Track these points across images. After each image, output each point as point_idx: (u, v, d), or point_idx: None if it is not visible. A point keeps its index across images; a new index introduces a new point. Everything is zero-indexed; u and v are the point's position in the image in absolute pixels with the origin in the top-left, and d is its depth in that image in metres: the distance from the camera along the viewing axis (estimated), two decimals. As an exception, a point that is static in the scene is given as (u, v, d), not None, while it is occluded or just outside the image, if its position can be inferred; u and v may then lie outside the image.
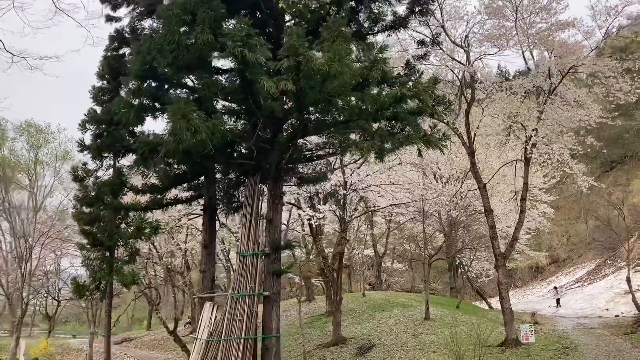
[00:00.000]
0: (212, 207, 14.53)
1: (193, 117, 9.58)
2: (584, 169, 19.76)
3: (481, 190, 18.74)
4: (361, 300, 30.01)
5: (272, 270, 12.32)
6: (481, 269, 40.65)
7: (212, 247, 14.56)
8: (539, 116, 17.12)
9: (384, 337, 21.99)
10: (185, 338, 31.50)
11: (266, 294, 12.26)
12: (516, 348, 17.64)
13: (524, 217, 18.88)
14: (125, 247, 20.92)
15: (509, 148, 20.87)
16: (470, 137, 18.85)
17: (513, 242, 18.84)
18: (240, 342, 11.98)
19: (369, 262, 46.99)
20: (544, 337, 20.64)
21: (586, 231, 59.15)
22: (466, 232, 28.81)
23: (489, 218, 18.52)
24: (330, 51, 9.35)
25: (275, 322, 12.33)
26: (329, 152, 13.65)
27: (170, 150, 10.17)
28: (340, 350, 21.39)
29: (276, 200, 12.69)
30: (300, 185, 15.02)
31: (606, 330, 21.94)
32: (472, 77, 18.21)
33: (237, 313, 12.30)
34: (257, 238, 12.83)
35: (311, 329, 26.00)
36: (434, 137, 13.25)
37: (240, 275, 12.60)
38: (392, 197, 24.80)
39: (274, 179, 12.75)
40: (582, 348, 17.97)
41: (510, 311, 17.99)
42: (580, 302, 33.43)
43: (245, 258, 12.68)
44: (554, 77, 17.58)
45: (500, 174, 26.44)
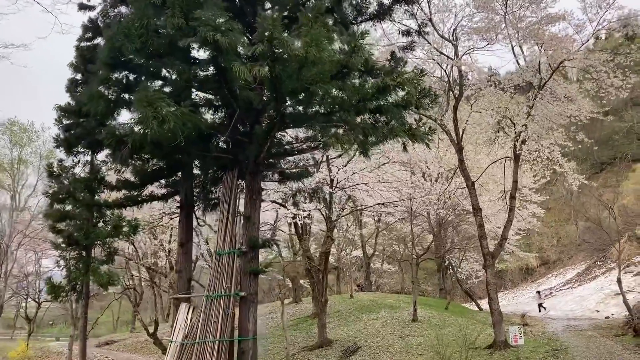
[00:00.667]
0: (188, 204, 13.92)
1: (161, 105, 8.96)
2: (574, 166, 19.32)
3: (469, 188, 18.25)
4: (349, 302, 29.43)
5: (249, 270, 11.72)
6: (471, 270, 40.24)
7: (188, 245, 13.94)
8: (529, 112, 16.65)
9: (370, 339, 21.44)
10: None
11: (242, 294, 11.65)
12: (505, 350, 17.15)
13: (513, 215, 18.41)
14: (103, 247, 20.29)
15: (498, 146, 20.38)
16: (458, 133, 18.36)
17: (502, 242, 18.36)
18: (214, 345, 11.37)
19: (358, 263, 46.48)
20: (533, 339, 20.17)
21: (576, 233, 59.03)
22: (455, 232, 28.33)
23: (478, 217, 18.02)
24: (307, 36, 8.79)
25: (252, 324, 11.73)
26: (311, 147, 13.07)
27: (137, 141, 9.55)
28: (325, 352, 20.81)
29: (254, 196, 12.09)
30: (282, 181, 14.41)
31: (596, 331, 21.52)
32: (461, 71, 17.72)
33: (212, 314, 11.71)
34: (234, 236, 12.24)
35: (297, 331, 25.40)
36: (419, 131, 12.74)
37: (216, 275, 12.00)
38: (380, 196, 24.28)
39: (252, 173, 12.16)
40: (572, 350, 17.51)
41: (499, 312, 17.49)
42: (570, 304, 33.06)
43: (221, 257, 12.08)
44: (543, 72, 17.13)
45: (489, 173, 26.02)
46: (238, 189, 12.60)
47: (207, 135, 12.28)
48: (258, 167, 12.21)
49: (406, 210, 24.97)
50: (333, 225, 26.37)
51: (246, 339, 11.60)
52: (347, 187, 23.16)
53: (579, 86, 17.64)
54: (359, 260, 45.05)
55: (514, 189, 18.44)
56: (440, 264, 32.81)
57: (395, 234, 39.05)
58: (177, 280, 13.99)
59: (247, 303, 11.74)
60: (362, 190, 24.17)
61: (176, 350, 12.27)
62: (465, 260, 37.00)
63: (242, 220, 12.30)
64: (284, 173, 14.29)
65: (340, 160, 22.08)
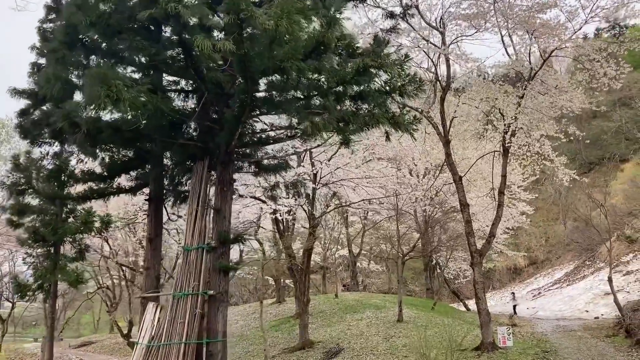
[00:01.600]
0: (157, 197, 13.04)
1: (115, 83, 8.09)
2: (564, 161, 18.65)
3: (457, 182, 17.50)
4: (333, 302, 28.64)
5: (218, 266, 10.87)
6: (458, 269, 39.59)
7: (157, 241, 13.04)
8: (519, 102, 15.92)
9: (354, 340, 20.63)
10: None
11: (211, 292, 10.79)
12: (493, 352, 16.41)
13: (502, 211, 17.68)
14: (73, 244, 19.29)
15: (486, 140, 19.66)
16: (445, 126, 17.61)
17: (490, 239, 17.62)
18: (180, 347, 10.52)
19: (345, 263, 45.70)
20: (522, 340, 19.48)
21: (565, 232, 58.71)
22: (442, 231, 27.60)
23: (465, 213, 17.27)
24: (277, 6, 7.96)
25: (222, 324, 10.88)
26: (288, 135, 12.25)
27: (91, 124, 8.66)
28: (307, 354, 19.97)
29: (225, 187, 11.24)
30: (257, 174, 13.55)
31: (587, 332, 20.88)
32: (448, 61, 16.96)
33: (179, 314, 10.86)
34: (203, 230, 11.39)
35: (279, 331, 24.55)
36: (402, 119, 11.98)
37: (184, 272, 11.15)
38: (365, 193, 23.50)
39: (223, 163, 11.31)
40: (563, 352, 16.82)
41: (486, 313, 16.74)
42: (559, 304, 32.49)
43: (189, 252, 11.23)
44: (534, 62, 16.44)
45: (477, 169, 25.33)
46: (209, 180, 11.76)
47: (174, 122, 11.46)
48: (230, 157, 11.37)
49: (392, 208, 24.21)
50: (317, 222, 25.58)
51: (215, 341, 10.73)
52: (330, 183, 22.35)
53: (571, 78, 16.95)
54: (345, 260, 44.29)
55: (503, 184, 17.73)
56: (427, 263, 32.08)
57: (382, 233, 38.30)
58: (144, 277, 13.11)
59: (216, 302, 10.89)
60: (346, 187, 23.36)
61: (142, 352, 11.40)
62: (452, 259, 36.34)
63: (213, 214, 11.46)
64: (260, 165, 13.45)
65: (324, 155, 21.29)
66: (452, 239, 29.30)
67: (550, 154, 18.53)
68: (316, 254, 43.92)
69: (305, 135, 11.73)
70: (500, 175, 17.88)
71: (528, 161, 18.98)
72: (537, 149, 18.57)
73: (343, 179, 22.08)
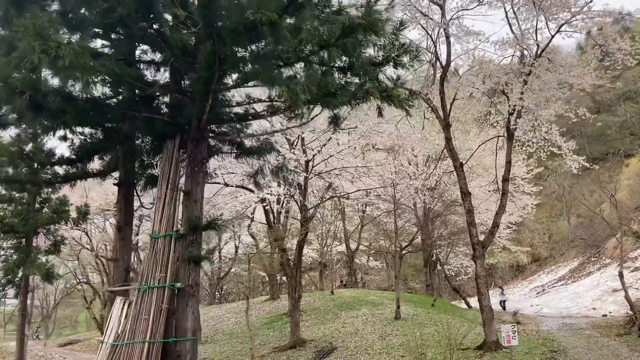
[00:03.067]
0: (128, 182, 11.80)
1: (56, 37, 6.85)
2: (573, 146, 17.36)
3: (457, 169, 16.25)
4: (329, 299, 27.39)
5: (187, 256, 9.62)
6: (459, 266, 38.40)
7: (127, 229, 11.80)
8: (525, 79, 14.65)
9: (348, 339, 19.40)
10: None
11: (179, 285, 9.56)
12: (496, 352, 15.17)
13: (506, 200, 16.43)
14: (46, 235, 18.11)
15: (489, 127, 18.38)
16: (445, 108, 16.36)
17: (493, 229, 16.34)
18: (144, 346, 9.29)
19: (344, 259, 44.47)
20: (527, 338, 18.26)
21: (568, 229, 57.48)
22: (442, 225, 26.32)
23: (466, 202, 16.03)
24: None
25: (192, 322, 9.64)
26: (268, 111, 11.00)
27: (31, 85, 7.40)
28: (298, 354, 18.74)
29: (196, 168, 10.01)
30: (238, 156, 12.28)
31: (595, 331, 19.65)
32: (448, 37, 15.68)
33: (143, 310, 9.64)
34: (172, 216, 10.16)
35: (270, 329, 23.33)
36: (395, 93, 10.72)
37: (150, 263, 9.92)
38: (361, 184, 22.25)
39: (195, 140, 10.07)
40: (572, 352, 15.59)
41: (489, 309, 15.51)
42: (564, 301, 31.22)
43: (157, 241, 10.00)
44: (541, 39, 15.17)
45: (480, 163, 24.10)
46: (179, 161, 10.52)
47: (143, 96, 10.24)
48: (202, 134, 10.12)
49: (390, 201, 22.95)
50: (312, 214, 24.35)
51: (183, 340, 9.50)
52: (324, 173, 21.11)
53: (581, 55, 15.65)
54: (344, 257, 43.07)
55: (507, 171, 16.47)
56: (427, 258, 30.79)
57: (381, 228, 37.04)
58: (113, 269, 11.89)
59: (185, 297, 9.64)
60: (341, 177, 22.09)
61: (106, 352, 10.19)
62: (453, 255, 35.12)
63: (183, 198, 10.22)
64: (241, 147, 12.19)
65: (317, 143, 20.04)
66: (453, 234, 28.06)
67: (558, 139, 17.25)
68: (313, 249, 42.85)
69: (285, 106, 10.53)
70: (505, 162, 16.59)
71: (534, 147, 17.66)
72: (543, 134, 17.30)
73: (337, 167, 20.81)
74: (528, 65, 14.72)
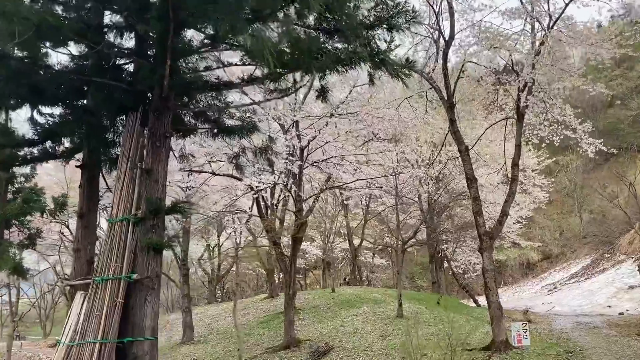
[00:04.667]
0: (92, 163, 10.52)
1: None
2: (589, 128, 15.91)
3: (462, 153, 14.89)
4: (329, 296, 26.07)
5: (146, 243, 8.33)
6: (467, 263, 36.84)
7: (91, 217, 10.47)
8: (538, 51, 13.25)
9: (346, 338, 18.09)
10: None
11: (135, 277, 8.26)
12: (506, 352, 13.81)
13: (516, 186, 15.06)
14: (19, 227, 16.93)
15: (497, 109, 16.96)
16: (449, 87, 15.00)
17: (502, 219, 14.94)
18: (95, 347, 8.02)
19: (348, 257, 43.12)
20: (539, 338, 16.83)
21: (580, 225, 55.79)
22: (448, 218, 24.88)
23: (472, 189, 14.66)
24: None
25: (151, 319, 8.34)
26: (245, 81, 9.68)
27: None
28: (291, 355, 17.47)
29: (158, 142, 8.71)
30: (215, 136, 10.97)
31: (613, 329, 18.18)
32: (451, 7, 14.32)
33: (96, 305, 8.36)
34: (132, 198, 8.88)
35: (265, 329, 22.04)
36: (388, 56, 9.37)
37: (106, 252, 8.64)
38: (362, 174, 20.88)
39: (157, 111, 8.78)
40: (590, 352, 14.16)
41: (498, 306, 14.13)
42: (578, 299, 29.68)
43: (114, 226, 8.73)
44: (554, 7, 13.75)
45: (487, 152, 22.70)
46: (142, 135, 9.23)
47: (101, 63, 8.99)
48: (165, 103, 8.81)
49: (392, 191, 21.59)
50: (310, 207, 23.04)
51: (140, 340, 8.20)
52: (321, 162, 19.79)
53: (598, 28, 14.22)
54: (348, 254, 41.73)
55: (517, 155, 15.08)
56: (432, 254, 29.35)
57: (386, 224, 35.63)
58: (73, 261, 10.61)
59: (143, 290, 8.34)
60: (339, 167, 20.72)
61: (62, 353, 8.92)
62: (460, 251, 33.67)
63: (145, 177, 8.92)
64: (218, 123, 10.89)
65: (314, 129, 18.72)
66: (460, 229, 26.64)
67: (573, 121, 15.83)
68: (317, 247, 41.54)
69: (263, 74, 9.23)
70: (515, 146, 15.21)
71: (545, 131, 16.24)
72: (556, 115, 15.89)
73: (335, 156, 19.48)
74: (546, 32, 13.27)
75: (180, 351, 21.30)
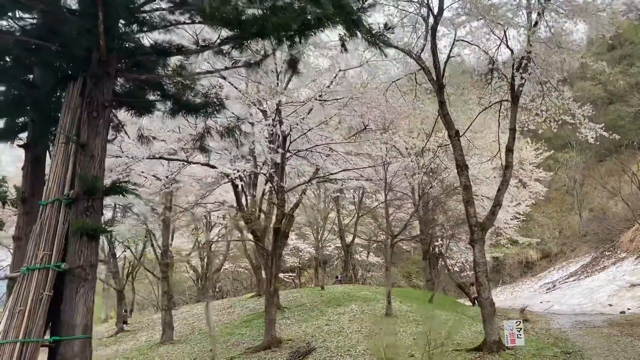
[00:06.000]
0: (36, 143, 9.42)
1: None
2: (590, 112, 14.80)
3: (452, 138, 13.81)
4: (317, 294, 24.97)
5: (78, 228, 7.22)
6: (464, 261, 35.75)
7: (34, 202, 9.38)
8: (536, 21, 12.14)
9: (330, 338, 16.99)
10: (109, 339, 26.40)
11: (64, 267, 7.16)
12: (498, 353, 12.72)
13: (510, 174, 13.94)
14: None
15: (490, 93, 15.82)
16: (438, 66, 13.90)
17: (495, 209, 13.82)
18: (15, 347, 6.91)
19: (342, 255, 42.00)
20: (535, 338, 15.76)
21: (580, 223, 54.72)
22: (441, 210, 23.76)
23: (463, 176, 13.57)
24: None
25: (83, 315, 7.22)
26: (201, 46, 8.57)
27: None
28: (271, 356, 16.35)
29: (95, 113, 7.62)
30: (175, 112, 9.83)
31: (614, 329, 17.08)
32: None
33: (20, 300, 7.25)
34: (67, 176, 7.78)
35: (248, 328, 20.94)
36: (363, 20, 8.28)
37: (36, 238, 7.54)
38: (348, 164, 19.77)
39: (95, 77, 7.69)
40: (590, 354, 13.07)
41: (490, 303, 13.03)
42: (577, 297, 28.57)
43: (45, 209, 7.62)
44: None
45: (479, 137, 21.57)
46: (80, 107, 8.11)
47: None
48: (104, 68, 7.72)
49: (381, 182, 20.48)
50: (297, 201, 21.97)
51: (69, 339, 7.10)
52: (305, 151, 18.70)
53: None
54: (342, 251, 40.60)
55: (512, 140, 13.99)
56: (426, 250, 28.23)
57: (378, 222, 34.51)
58: (14, 251, 9.51)
59: (74, 282, 7.23)
60: (325, 156, 19.61)
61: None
62: (456, 248, 32.57)
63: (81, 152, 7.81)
64: (177, 99, 9.75)
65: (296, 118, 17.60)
66: (456, 225, 25.49)
67: (573, 105, 14.74)
68: (309, 244, 40.44)
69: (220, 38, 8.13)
70: (509, 130, 14.12)
71: (543, 117, 15.15)
72: (554, 99, 14.80)
73: (319, 144, 18.39)
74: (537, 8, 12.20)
75: (158, 351, 20.21)
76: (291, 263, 48.68)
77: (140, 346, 22.25)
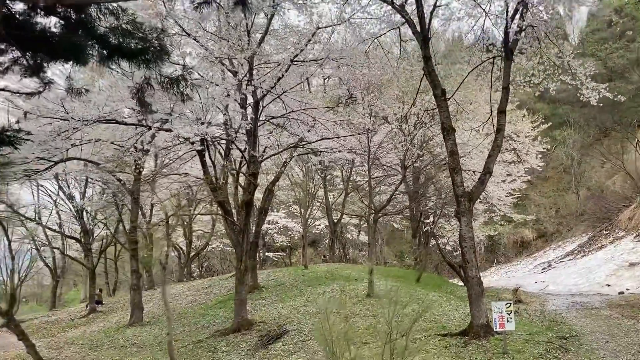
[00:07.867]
0: None
1: None
2: (592, 72, 13.25)
3: (438, 98, 12.25)
4: (299, 274, 23.60)
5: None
6: (455, 241, 34.41)
7: None
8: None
9: (305, 320, 15.62)
10: (80, 320, 25.07)
11: None
12: (486, 338, 11.32)
13: (502, 138, 12.38)
14: None
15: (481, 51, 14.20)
16: (423, 16, 12.27)
17: (484, 177, 12.30)
18: None
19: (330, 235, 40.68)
20: (528, 321, 14.40)
21: (577, 202, 53.47)
22: (430, 184, 22.24)
23: (449, 140, 12.04)
24: None
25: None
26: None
27: None
28: (241, 339, 14.99)
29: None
30: (107, 60, 8.21)
31: (614, 310, 15.73)
32: None
33: None
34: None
35: (222, 309, 19.56)
36: None
37: None
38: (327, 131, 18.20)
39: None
40: (589, 339, 11.68)
41: (478, 282, 11.61)
42: (574, 277, 27.23)
43: None
44: None
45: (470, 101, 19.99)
46: None
47: None
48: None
49: (365, 153, 18.94)
50: (277, 175, 20.48)
51: None
52: (278, 117, 17.12)
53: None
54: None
55: (504, 100, 12.44)
56: (416, 228, 26.81)
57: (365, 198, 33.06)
58: None
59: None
60: (306, 124, 18.03)
61: None
62: (450, 227, 31.23)
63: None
64: (104, 41, 8.12)
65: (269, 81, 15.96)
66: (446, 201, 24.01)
67: (573, 63, 13.16)
68: (298, 223, 39.05)
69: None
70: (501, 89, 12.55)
71: (540, 77, 13.58)
72: (552, 57, 13.23)
73: (295, 110, 16.79)
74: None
75: (125, 334, 18.83)
76: (281, 242, 47.43)
77: (109, 328, 20.88)
